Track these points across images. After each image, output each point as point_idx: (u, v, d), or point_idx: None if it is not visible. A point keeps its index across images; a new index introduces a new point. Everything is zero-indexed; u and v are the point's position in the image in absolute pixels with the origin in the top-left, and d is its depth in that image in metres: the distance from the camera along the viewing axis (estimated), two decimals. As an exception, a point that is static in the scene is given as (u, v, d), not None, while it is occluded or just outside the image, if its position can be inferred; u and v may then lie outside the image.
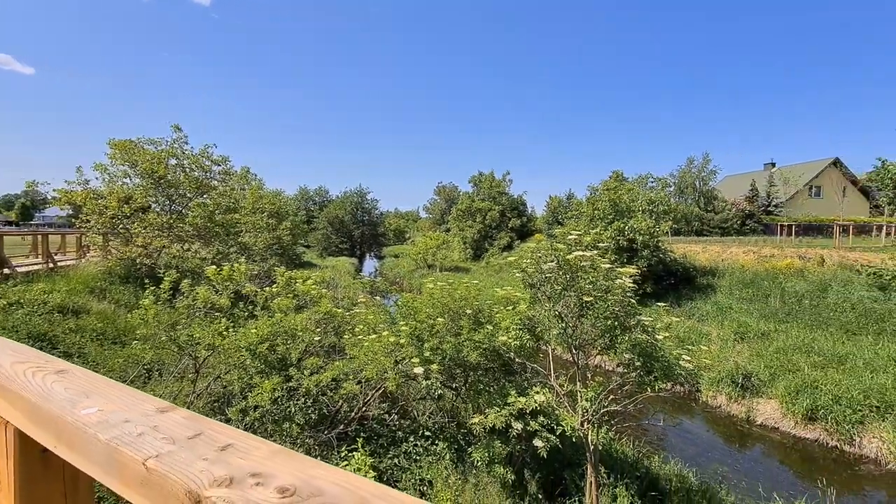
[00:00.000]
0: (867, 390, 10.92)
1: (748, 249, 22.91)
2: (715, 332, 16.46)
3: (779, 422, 11.62)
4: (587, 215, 22.45)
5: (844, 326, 14.89)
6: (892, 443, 9.79)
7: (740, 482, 8.73)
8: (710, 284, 20.71)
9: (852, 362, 12.50)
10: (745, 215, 37.21)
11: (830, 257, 19.33)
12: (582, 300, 4.94)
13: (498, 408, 5.90)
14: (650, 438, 11.38)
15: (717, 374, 13.26)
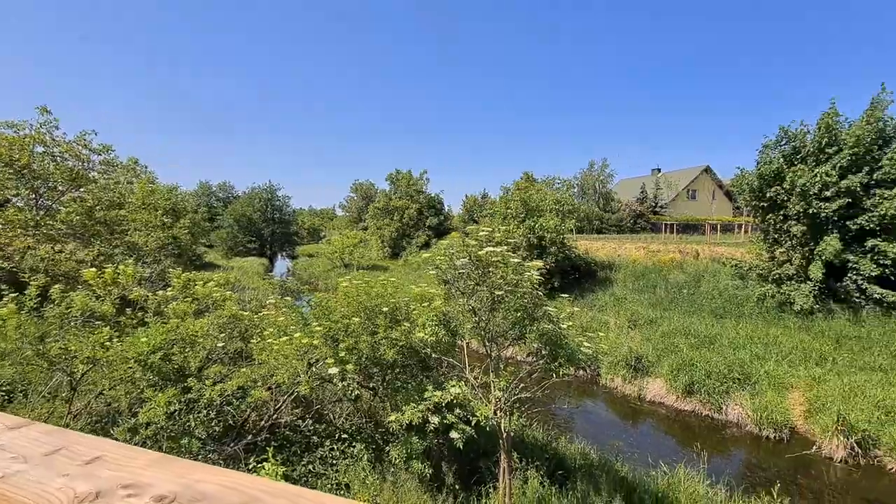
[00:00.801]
0: (731, 365, 12.77)
1: (639, 246, 25.51)
2: (612, 320, 18.11)
3: (664, 397, 13.14)
4: (500, 214, 23.44)
5: (714, 311, 17.25)
6: (750, 408, 11.56)
7: (633, 454, 9.72)
8: (609, 278, 22.74)
9: (720, 342, 14.53)
10: (636, 215, 41.36)
11: (703, 252, 22.24)
12: (494, 294, 5.16)
13: (415, 404, 5.94)
14: (558, 422, 12.23)
15: (615, 359, 14.61)
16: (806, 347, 13.41)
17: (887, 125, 15.16)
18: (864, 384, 11.15)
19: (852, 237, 15.00)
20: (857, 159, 14.97)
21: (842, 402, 10.50)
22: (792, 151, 16.42)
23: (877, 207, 14.33)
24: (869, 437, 9.78)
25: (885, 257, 14.18)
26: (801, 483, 9.29)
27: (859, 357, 12.71)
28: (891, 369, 11.83)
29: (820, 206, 14.86)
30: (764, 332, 14.75)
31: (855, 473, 9.55)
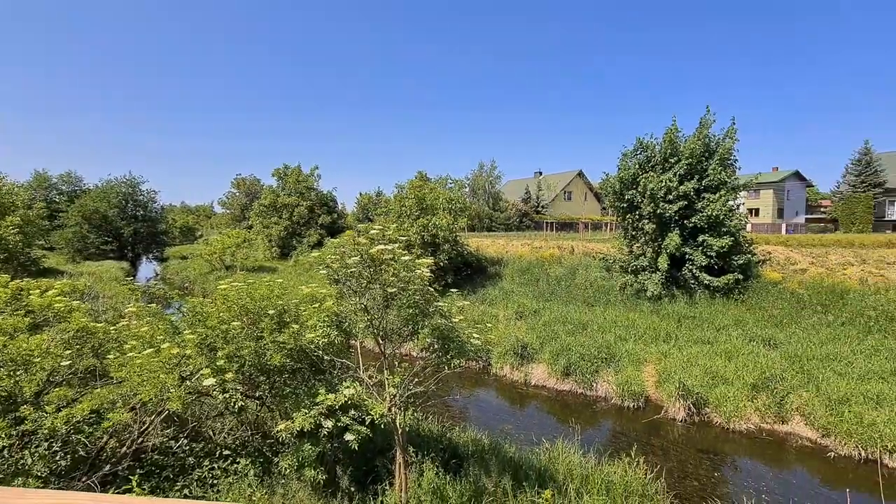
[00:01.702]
0: (599, 347, 14.46)
1: (524, 242, 27.56)
2: (502, 312, 19.29)
3: (546, 380, 14.40)
4: (395, 212, 23.48)
5: (587, 300, 19.35)
6: (614, 383, 13.21)
7: (520, 435, 10.50)
8: (498, 273, 24.17)
9: (591, 327, 16.35)
10: (522, 214, 44.55)
11: (578, 248, 24.81)
12: (386, 292, 5.18)
13: (306, 409, 5.70)
14: (454, 413, 12.69)
15: (503, 349, 15.60)
16: (656, 328, 15.73)
17: (711, 141, 18.45)
18: (697, 355, 13.45)
19: (688, 233, 17.99)
20: (691, 168, 17.98)
21: (682, 372, 12.55)
22: (645, 160, 19.12)
23: (705, 209, 17.37)
24: (701, 398, 11.85)
25: (711, 250, 17.26)
26: (653, 443, 10.89)
27: (694, 333, 15.29)
28: (715, 341, 14.44)
29: (665, 208, 17.54)
30: (625, 316, 16.96)
31: (692, 429, 11.49)
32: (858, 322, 14.51)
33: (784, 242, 23.49)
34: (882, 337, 13.55)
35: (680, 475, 9.36)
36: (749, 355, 13.16)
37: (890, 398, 10.46)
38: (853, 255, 19.16)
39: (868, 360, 12.25)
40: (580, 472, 7.35)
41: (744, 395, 11.64)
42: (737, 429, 11.29)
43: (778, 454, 10.46)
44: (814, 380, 11.74)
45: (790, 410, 11.30)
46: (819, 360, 12.53)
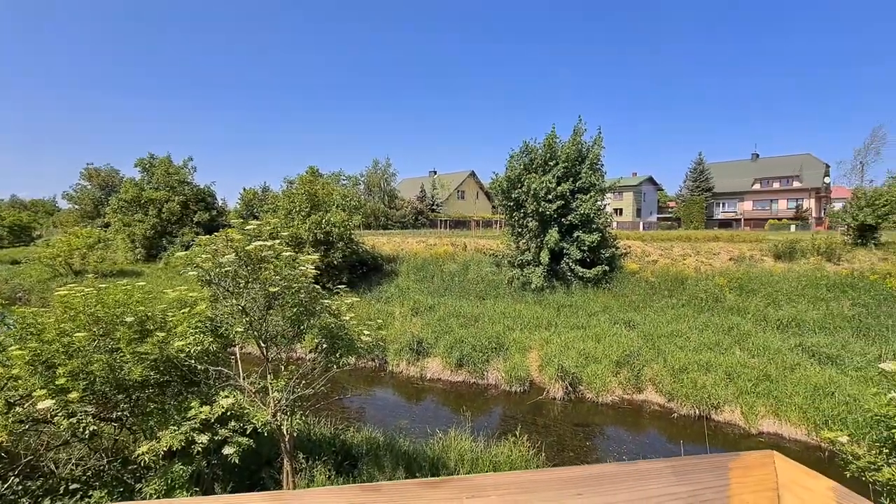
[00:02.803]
0: (490, 337, 15.30)
1: (420, 240, 27.96)
2: (398, 310, 19.35)
3: (441, 373, 14.83)
4: (284, 209, 22.15)
5: (479, 294, 20.31)
6: (503, 370, 14.10)
7: (416, 429, 10.69)
8: (394, 270, 24.18)
9: (482, 319, 17.21)
10: (417, 212, 45.08)
11: (470, 244, 25.89)
12: (268, 291, 4.88)
13: (176, 426, 5.15)
14: (349, 414, 12.43)
15: (400, 345, 15.70)
16: (539, 317, 17.13)
17: (583, 147, 20.59)
18: (573, 339, 14.95)
19: (566, 230, 19.88)
20: (567, 171, 19.87)
21: (560, 355, 13.85)
22: (529, 162, 20.64)
23: (579, 208, 19.35)
24: (576, 378, 13.21)
25: (584, 244, 19.29)
26: (536, 422, 11.86)
27: (571, 320, 16.97)
28: (588, 326, 16.19)
29: (546, 206, 19.15)
30: (513, 307, 18.17)
31: (569, 406, 12.77)
32: (694, 303, 17.41)
33: (641, 238, 27.16)
34: (710, 315, 16.43)
35: (559, 448, 10.34)
36: (614, 336, 15.00)
37: (715, 365, 12.75)
38: (690, 247, 22.89)
39: (700, 335, 14.77)
40: (470, 457, 7.73)
41: (610, 372, 13.25)
42: (604, 401, 12.81)
43: (636, 420, 12.12)
44: (662, 353, 13.80)
45: (645, 381, 13.15)
46: (666, 337, 14.76)
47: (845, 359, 12.52)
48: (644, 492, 0.64)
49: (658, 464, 0.67)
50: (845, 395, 10.62)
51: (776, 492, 0.63)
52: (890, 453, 4.99)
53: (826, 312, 15.47)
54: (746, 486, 0.64)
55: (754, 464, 0.69)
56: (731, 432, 11.11)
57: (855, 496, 0.62)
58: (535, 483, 0.66)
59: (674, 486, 0.64)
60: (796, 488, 0.64)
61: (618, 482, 0.66)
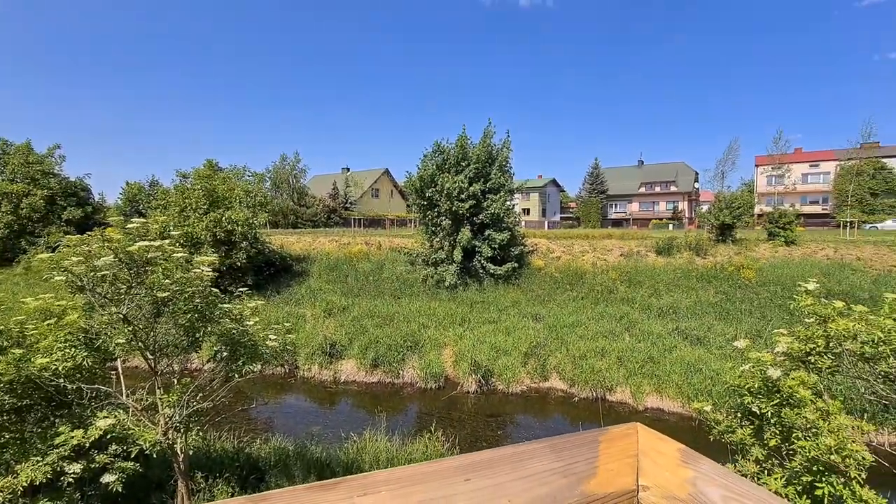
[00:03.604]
0: (405, 336, 15.32)
1: (332, 239, 27.07)
2: (309, 312, 18.57)
3: (356, 375, 14.53)
4: (177, 205, 20.06)
5: (394, 293, 20.21)
6: (419, 368, 14.21)
7: (329, 434, 10.35)
8: (305, 271, 23.14)
9: (398, 318, 17.17)
10: (329, 210, 43.61)
11: (385, 243, 25.66)
12: (156, 297, 4.39)
13: (39, 457, 4.44)
14: (257, 425, 11.67)
15: (311, 349, 15.08)
16: (453, 313, 17.52)
17: (493, 149, 21.44)
18: (486, 334, 15.54)
19: (477, 229, 20.56)
20: (478, 172, 20.55)
21: (473, 350, 14.31)
22: (442, 162, 20.98)
23: (489, 207, 20.12)
24: (488, 371, 13.75)
25: (494, 242, 20.12)
26: (451, 416, 12.14)
27: (484, 315, 17.61)
28: (499, 321, 16.93)
29: (459, 206, 19.64)
30: (427, 305, 18.36)
31: (482, 399, 13.25)
32: (591, 295, 19.04)
33: (546, 236, 29.05)
34: (605, 305, 18.08)
35: (472, 440, 10.69)
36: (523, 329, 15.86)
37: (609, 350, 14.07)
38: (589, 245, 25.00)
39: (597, 324, 16.20)
40: (386, 456, 7.69)
41: (519, 363, 13.99)
42: (514, 391, 13.51)
43: (542, 406, 12.96)
44: (565, 343, 14.90)
45: (550, 370, 14.10)
46: (568, 327, 15.96)
47: (710, 339, 14.56)
48: (526, 470, 0.69)
49: (538, 444, 0.73)
50: (711, 370, 12.36)
51: (636, 458, 0.72)
52: (742, 418, 5.91)
53: (696, 300, 17.85)
54: (612, 456, 0.71)
55: (619, 436, 0.78)
56: (622, 410, 12.36)
57: (696, 454, 0.73)
58: (427, 474, 0.68)
59: (552, 462, 0.69)
60: (652, 453, 0.73)
61: (504, 464, 0.70)
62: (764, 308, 16.53)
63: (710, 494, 0.62)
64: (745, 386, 5.51)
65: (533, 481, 0.67)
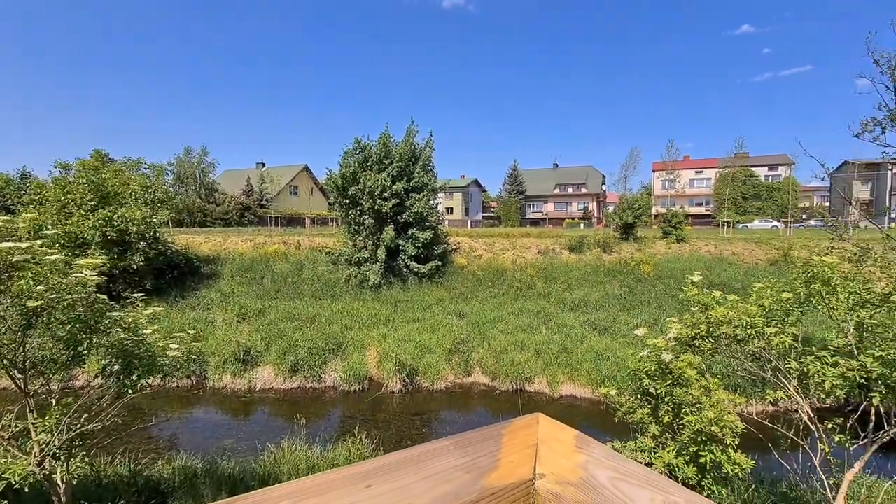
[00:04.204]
0: (327, 338, 14.83)
1: (246, 238, 25.36)
2: (220, 317, 17.25)
3: (273, 382, 13.77)
4: (55, 200, 17.50)
5: (314, 294, 19.45)
6: (342, 371, 13.82)
7: (244, 446, 9.70)
8: (215, 273, 21.43)
9: (319, 320, 16.56)
10: (243, 208, 40.82)
11: (304, 243, 24.60)
12: (26, 307, 3.78)
13: None
14: (159, 443, 10.61)
15: (223, 357, 14.02)
16: (377, 313, 17.29)
17: (416, 148, 21.48)
18: (410, 333, 15.53)
19: (401, 227, 20.47)
20: (401, 170, 20.46)
21: (398, 349, 14.24)
22: (363, 159, 20.58)
23: (413, 206, 20.13)
24: (413, 369, 13.77)
25: (418, 241, 20.18)
26: (376, 417, 11.98)
27: (408, 314, 17.59)
28: (423, 319, 17.02)
29: (382, 204, 19.40)
30: (351, 306, 17.93)
31: (407, 398, 13.23)
32: (511, 292, 19.86)
33: (469, 235, 29.74)
34: (524, 301, 18.96)
35: (398, 440, 10.64)
36: (447, 327, 16.10)
37: (528, 343, 14.77)
38: (509, 243, 26.03)
39: (517, 318, 16.93)
40: (307, 465, 7.39)
41: (443, 360, 14.18)
42: (439, 388, 13.67)
43: (466, 401, 13.27)
44: (487, 338, 15.38)
45: (473, 365, 14.47)
46: (490, 323, 16.49)
47: (616, 329, 15.88)
48: (431, 469, 0.69)
49: (443, 442, 0.73)
50: (616, 357, 13.48)
51: (535, 447, 0.75)
52: (642, 399, 6.53)
53: (604, 293, 19.37)
54: (514, 447, 0.74)
55: (522, 427, 0.81)
56: (540, 399, 13.05)
57: (589, 440, 0.78)
58: (328, 483, 0.66)
59: (457, 459, 0.70)
60: (550, 441, 0.77)
61: (408, 465, 0.69)
62: (660, 299, 18.40)
63: (599, 476, 0.67)
64: (644, 370, 6.10)
65: (437, 480, 0.67)
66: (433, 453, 0.73)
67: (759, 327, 4.98)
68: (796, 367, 4.85)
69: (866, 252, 7.42)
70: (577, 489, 0.65)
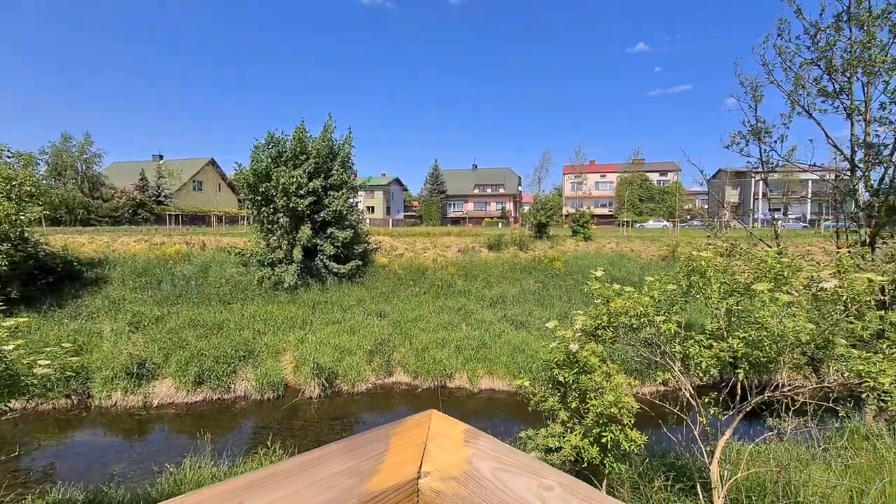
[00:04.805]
0: (237, 346, 13.83)
1: (140, 238, 22.78)
2: (109, 326, 15.33)
3: (174, 396, 12.53)
4: None
5: (222, 298, 18.03)
6: (254, 379, 12.99)
7: (138, 469, 8.72)
8: (101, 277, 18.96)
9: (228, 326, 15.37)
10: (136, 204, 36.65)
11: (210, 243, 22.70)
12: None
13: None
14: (31, 475, 9.19)
15: (111, 371, 12.48)
16: (293, 316, 16.49)
17: (335, 144, 20.81)
18: (329, 335, 15.02)
19: (319, 226, 19.72)
20: (318, 167, 19.70)
21: (316, 353, 13.71)
22: (277, 154, 19.48)
23: (331, 205, 19.49)
24: (332, 373, 13.34)
25: (337, 241, 19.58)
26: (293, 425, 11.43)
27: (327, 316, 16.99)
28: (343, 320, 16.56)
29: (297, 202, 18.53)
30: (264, 309, 16.88)
31: (326, 402, 12.79)
32: (432, 290, 20.05)
33: (390, 234, 29.48)
34: (445, 299, 19.24)
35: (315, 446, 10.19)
36: (368, 327, 15.82)
37: (449, 341, 15.02)
38: (430, 242, 26.24)
39: (438, 316, 17.14)
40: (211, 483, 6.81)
41: (364, 362, 13.92)
42: (360, 391, 13.40)
43: (388, 401, 13.15)
44: (409, 337, 15.38)
45: (395, 365, 14.39)
46: (412, 322, 16.51)
47: (531, 323, 16.73)
48: (314, 476, 0.66)
49: (330, 447, 0.71)
50: (531, 350, 14.20)
51: (424, 445, 0.75)
52: (552, 388, 6.94)
53: (520, 289, 20.31)
54: (402, 447, 0.73)
55: (413, 425, 0.81)
56: (460, 395, 13.35)
57: (478, 433, 0.79)
58: None
59: (342, 464, 0.68)
60: (439, 438, 0.78)
61: (290, 475, 0.66)
62: (570, 293, 19.71)
63: (482, 469, 0.69)
64: (554, 360, 6.48)
65: (319, 487, 0.64)
66: (320, 459, 0.70)
67: (651, 316, 5.53)
68: (680, 351, 5.46)
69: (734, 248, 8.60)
70: (459, 483, 0.66)
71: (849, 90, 8.81)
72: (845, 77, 8.77)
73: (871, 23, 8.27)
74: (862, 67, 8.49)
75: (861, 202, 9.11)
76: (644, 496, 5.73)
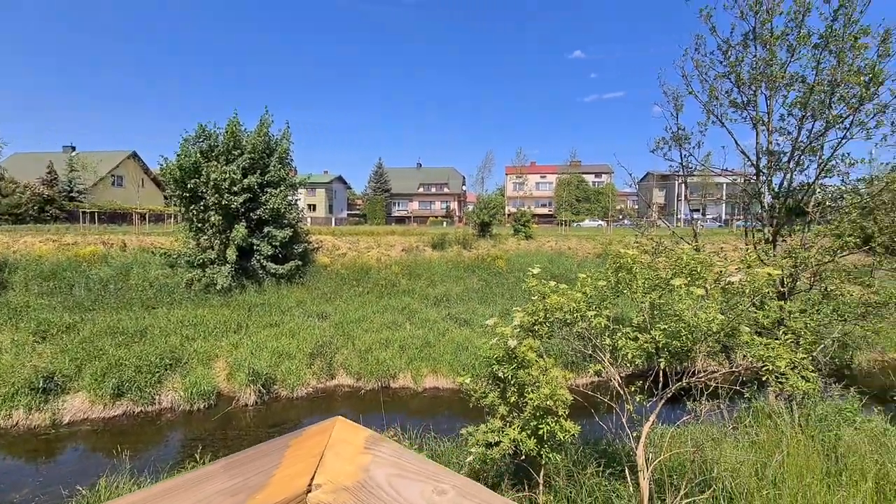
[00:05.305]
0: (162, 353, 12.84)
1: (48, 238, 20.52)
2: (9, 337, 13.65)
3: (88, 411, 11.40)
4: None
5: (145, 302, 16.66)
6: (182, 389, 12.12)
7: (44, 494, 7.86)
8: (0, 282, 16.87)
9: (152, 332, 14.23)
10: (44, 200, 32.97)
11: (132, 242, 20.91)
12: None
13: None
14: None
15: (12, 387, 11.14)
16: (227, 320, 15.58)
17: (272, 139, 19.91)
18: (266, 339, 14.35)
19: (255, 225, 18.79)
20: (254, 163, 18.76)
21: (252, 358, 13.05)
22: (208, 148, 18.31)
23: (268, 202, 18.64)
24: (270, 378, 12.76)
25: (275, 240, 18.76)
26: (227, 435, 10.80)
27: (264, 318, 16.22)
28: (282, 323, 15.89)
29: (231, 199, 17.53)
30: (193, 313, 15.80)
31: (263, 409, 12.21)
32: (376, 290, 19.79)
33: (333, 233, 28.70)
34: (389, 298, 19.05)
35: (251, 457, 9.73)
36: (308, 329, 15.30)
37: (392, 341, 14.88)
38: (374, 241, 25.86)
39: (382, 316, 16.92)
40: None
41: (304, 365, 13.45)
42: (300, 395, 12.93)
43: (329, 405, 12.79)
44: (351, 338, 15.06)
45: (336, 367, 14.03)
46: (355, 323, 16.17)
47: (474, 321, 16.97)
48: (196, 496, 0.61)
49: (214, 466, 0.66)
50: (474, 347, 14.40)
51: (321, 455, 0.72)
52: (492, 383, 7.07)
53: (464, 287, 20.56)
54: (297, 458, 0.70)
55: (314, 434, 0.77)
56: (404, 395, 13.27)
57: (381, 439, 0.77)
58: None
59: (226, 482, 0.64)
60: (339, 445, 0.75)
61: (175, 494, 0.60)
62: (512, 290, 20.24)
63: (377, 476, 0.67)
64: (494, 356, 6.61)
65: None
66: (200, 479, 0.65)
67: (583, 311, 5.79)
68: (609, 343, 5.78)
69: (659, 246, 9.24)
70: (350, 494, 0.64)
71: (755, 102, 9.73)
72: (752, 90, 9.68)
73: (773, 42, 9.18)
74: (765, 82, 9.41)
75: (765, 204, 10.09)
76: (578, 482, 6.01)
